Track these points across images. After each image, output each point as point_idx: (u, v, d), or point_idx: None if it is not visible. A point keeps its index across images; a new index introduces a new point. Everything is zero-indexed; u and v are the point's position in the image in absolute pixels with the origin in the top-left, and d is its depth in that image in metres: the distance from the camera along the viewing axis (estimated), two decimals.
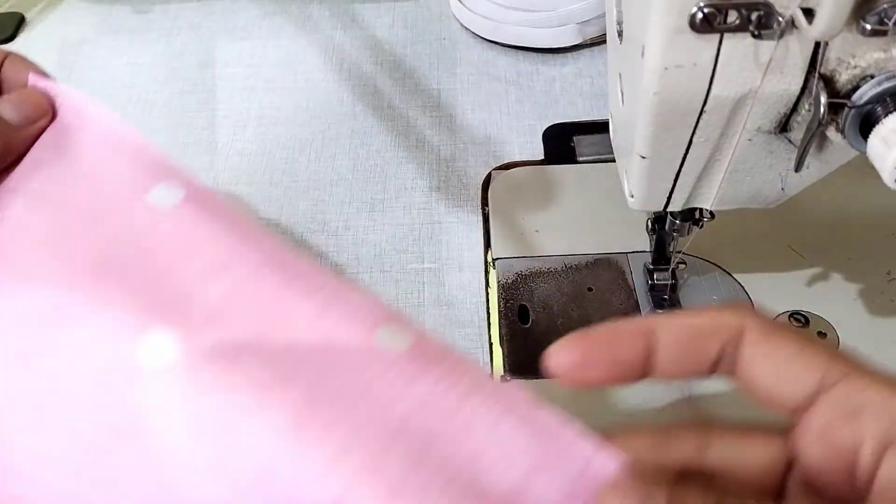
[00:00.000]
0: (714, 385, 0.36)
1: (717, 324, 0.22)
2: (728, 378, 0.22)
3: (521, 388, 0.26)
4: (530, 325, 0.42)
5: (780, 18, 0.25)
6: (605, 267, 0.44)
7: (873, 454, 0.20)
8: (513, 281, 0.44)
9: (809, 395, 0.21)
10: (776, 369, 0.21)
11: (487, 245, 0.46)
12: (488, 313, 0.44)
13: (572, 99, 0.56)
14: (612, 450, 0.23)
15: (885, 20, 0.25)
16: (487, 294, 0.44)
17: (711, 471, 0.22)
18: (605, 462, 0.23)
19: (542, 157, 0.51)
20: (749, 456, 0.22)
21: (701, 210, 0.37)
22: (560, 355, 0.23)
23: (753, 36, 0.26)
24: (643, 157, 0.32)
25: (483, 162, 0.51)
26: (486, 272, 0.45)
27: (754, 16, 0.25)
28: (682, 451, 0.23)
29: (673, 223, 0.39)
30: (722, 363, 0.22)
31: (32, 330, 0.31)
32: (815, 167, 0.32)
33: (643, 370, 0.23)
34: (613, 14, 0.34)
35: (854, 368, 0.21)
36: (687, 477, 0.22)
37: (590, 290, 0.43)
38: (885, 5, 0.24)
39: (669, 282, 0.41)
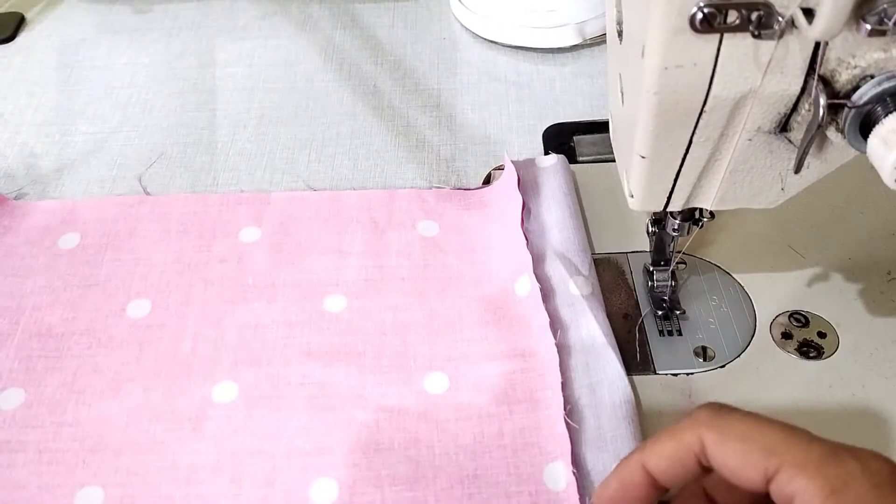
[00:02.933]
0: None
1: (683, 447, 0.27)
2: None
3: None
4: None
5: (780, 18, 0.25)
6: (605, 267, 0.44)
7: None
8: None
9: (764, 480, 0.25)
10: (734, 465, 0.26)
11: None
12: None
13: (572, 99, 0.56)
14: None
15: (885, 20, 0.25)
16: None
17: None
18: None
19: None
20: None
21: (701, 210, 0.37)
22: None
23: (753, 36, 0.26)
24: (643, 157, 0.32)
25: (483, 162, 0.51)
26: None
27: (754, 16, 0.25)
28: None
29: (673, 223, 0.39)
30: (704, 464, 0.27)
31: None
32: (815, 167, 0.32)
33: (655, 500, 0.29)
34: (613, 14, 0.34)
35: (786, 459, 0.25)
36: None
37: None
38: (885, 5, 0.24)
39: (669, 282, 0.41)
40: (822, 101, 0.27)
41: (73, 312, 0.41)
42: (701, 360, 0.39)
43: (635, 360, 0.39)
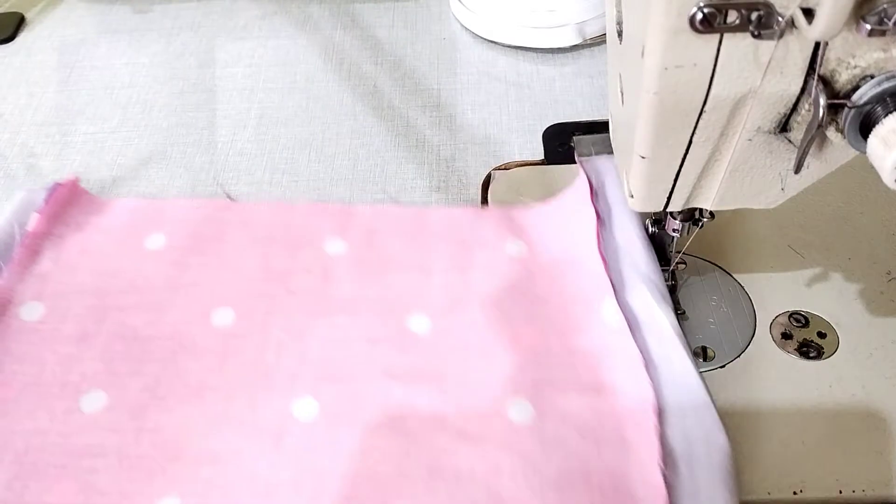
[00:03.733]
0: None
1: None
2: None
3: None
4: None
5: (780, 18, 0.25)
6: None
7: None
8: None
9: None
10: None
11: None
12: None
13: (572, 99, 0.56)
14: None
15: (885, 20, 0.24)
16: None
17: None
18: None
19: (542, 157, 0.51)
20: None
21: (701, 210, 0.37)
22: None
23: (753, 36, 0.26)
24: (643, 157, 0.32)
25: (483, 162, 0.51)
26: None
27: (754, 16, 0.25)
28: None
29: (673, 223, 0.39)
30: None
31: None
32: (815, 167, 0.32)
33: None
34: (613, 14, 0.34)
35: None
36: None
37: None
38: (885, 5, 0.24)
39: (669, 282, 0.41)
40: (822, 101, 0.27)
41: (157, 315, 0.41)
42: (701, 360, 0.39)
43: None
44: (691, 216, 0.38)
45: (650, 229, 0.41)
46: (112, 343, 0.40)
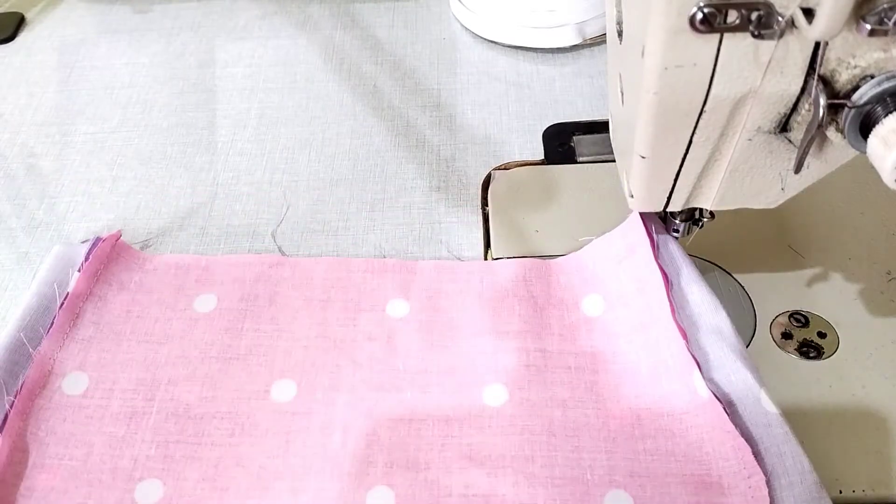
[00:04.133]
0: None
1: None
2: None
3: None
4: None
5: (780, 18, 0.25)
6: None
7: None
8: None
9: None
10: None
11: (487, 245, 0.46)
12: None
13: (572, 99, 0.56)
14: None
15: (885, 20, 0.24)
16: None
17: None
18: None
19: (542, 157, 0.51)
20: None
21: (701, 210, 0.37)
22: None
23: (753, 36, 0.26)
24: (643, 157, 0.32)
25: (483, 162, 0.51)
26: None
27: (754, 16, 0.25)
28: None
29: (673, 223, 0.39)
30: None
31: None
32: (815, 167, 0.32)
33: None
34: (613, 14, 0.34)
35: None
36: None
37: None
38: (885, 5, 0.24)
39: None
40: (822, 101, 0.27)
41: (212, 390, 0.38)
42: None
43: None
44: (691, 216, 0.38)
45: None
46: (164, 423, 0.36)
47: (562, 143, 0.52)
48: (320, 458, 0.35)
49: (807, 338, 0.40)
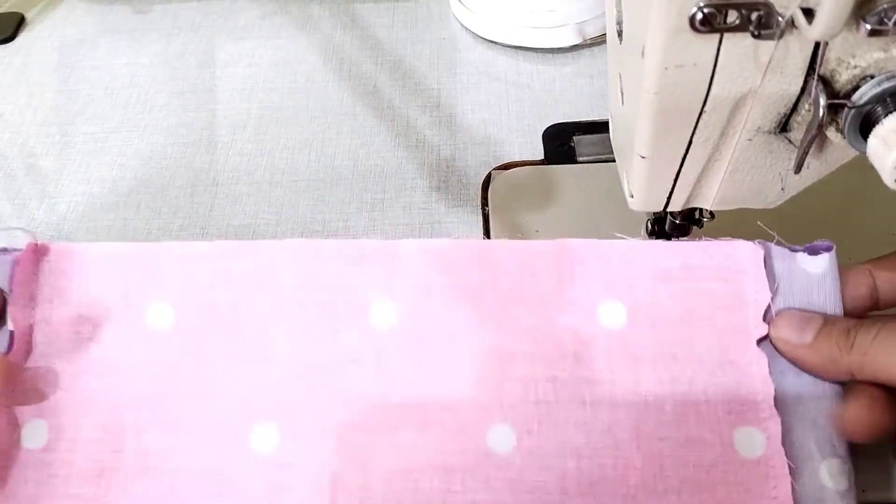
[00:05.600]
0: None
1: None
2: None
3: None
4: None
5: (780, 18, 0.25)
6: None
7: None
8: None
9: None
10: None
11: None
12: None
13: (572, 99, 0.56)
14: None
15: (885, 20, 0.24)
16: None
17: None
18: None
19: (542, 157, 0.51)
20: None
21: (701, 210, 0.37)
22: None
23: (753, 36, 0.26)
24: (643, 157, 0.32)
25: (483, 162, 0.51)
26: None
27: (754, 16, 0.25)
28: None
29: (673, 223, 0.39)
30: None
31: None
32: (815, 167, 0.32)
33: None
34: (613, 14, 0.34)
35: None
36: None
37: None
38: (885, 5, 0.24)
39: None
40: (822, 101, 0.27)
41: (185, 437, 0.32)
42: None
43: None
44: (691, 216, 0.38)
45: (650, 229, 0.41)
46: (138, 481, 0.32)
47: (562, 143, 0.52)
48: None
49: None
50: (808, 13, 0.24)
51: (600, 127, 0.52)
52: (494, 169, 0.50)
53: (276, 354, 0.34)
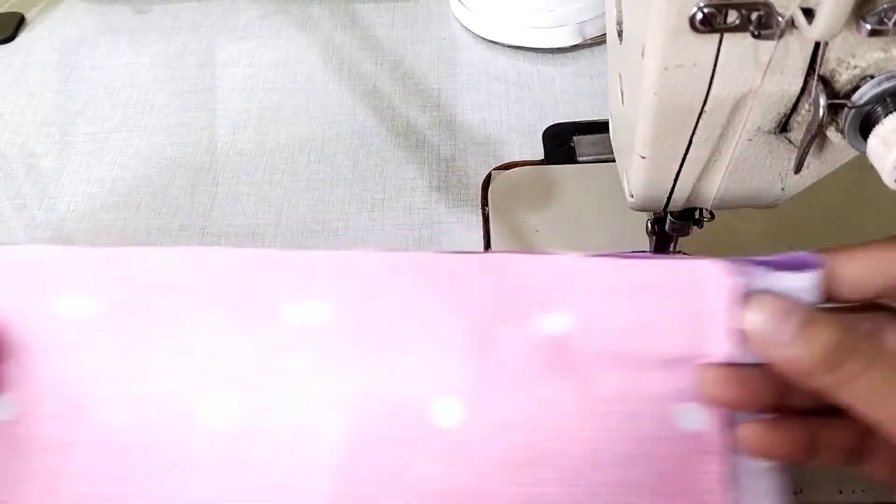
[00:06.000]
0: None
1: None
2: None
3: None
4: None
5: (780, 18, 0.25)
6: None
7: None
8: None
9: None
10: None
11: (487, 245, 0.46)
12: None
13: (572, 99, 0.56)
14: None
15: (885, 20, 0.24)
16: None
17: None
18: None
19: (542, 157, 0.51)
20: None
21: (701, 210, 0.37)
22: None
23: (753, 36, 0.26)
24: (643, 157, 0.32)
25: (483, 162, 0.51)
26: None
27: (754, 16, 0.25)
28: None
29: (673, 223, 0.39)
30: None
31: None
32: (815, 167, 0.32)
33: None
34: (613, 14, 0.34)
35: None
36: None
37: None
38: (885, 5, 0.24)
39: None
40: (822, 101, 0.27)
41: (138, 412, 0.31)
42: None
43: None
44: (691, 216, 0.38)
45: (650, 229, 0.41)
46: (96, 456, 0.31)
47: (562, 143, 0.52)
48: (270, 493, 0.31)
49: None
50: (808, 13, 0.24)
51: (600, 127, 0.52)
52: (494, 169, 0.50)
53: (212, 335, 0.32)
